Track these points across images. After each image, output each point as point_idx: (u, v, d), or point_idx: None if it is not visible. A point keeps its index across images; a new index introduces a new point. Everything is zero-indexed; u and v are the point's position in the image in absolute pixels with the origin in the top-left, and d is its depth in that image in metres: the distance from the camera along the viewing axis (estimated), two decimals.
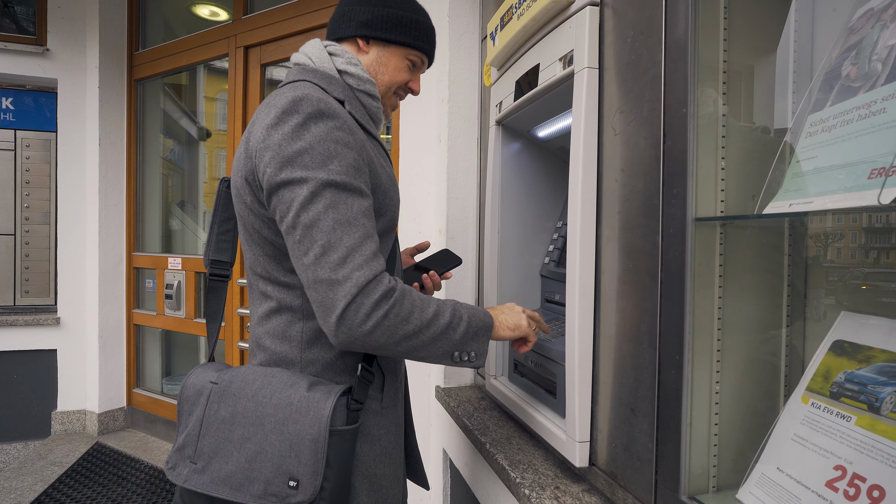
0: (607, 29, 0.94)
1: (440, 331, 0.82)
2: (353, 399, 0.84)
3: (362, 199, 0.80)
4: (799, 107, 0.75)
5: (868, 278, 0.74)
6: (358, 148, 0.82)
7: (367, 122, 0.94)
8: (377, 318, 0.75)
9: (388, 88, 1.00)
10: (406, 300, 0.79)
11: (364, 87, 0.95)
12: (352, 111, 0.90)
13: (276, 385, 0.83)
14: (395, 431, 0.95)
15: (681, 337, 0.74)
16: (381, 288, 0.76)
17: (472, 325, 0.87)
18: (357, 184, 0.80)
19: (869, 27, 0.64)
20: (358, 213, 0.78)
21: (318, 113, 0.80)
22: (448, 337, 0.83)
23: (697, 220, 0.75)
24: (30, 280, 3.27)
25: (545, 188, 1.47)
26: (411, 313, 0.79)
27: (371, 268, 0.76)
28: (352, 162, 0.80)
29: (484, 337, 0.90)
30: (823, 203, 0.62)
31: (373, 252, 0.78)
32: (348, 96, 0.92)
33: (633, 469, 0.85)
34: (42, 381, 3.24)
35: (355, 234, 0.77)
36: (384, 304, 0.76)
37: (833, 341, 0.69)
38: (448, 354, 0.85)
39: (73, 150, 3.23)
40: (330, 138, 0.79)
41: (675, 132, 0.76)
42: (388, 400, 0.94)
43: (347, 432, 0.81)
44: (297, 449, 0.79)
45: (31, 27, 3.22)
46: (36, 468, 2.82)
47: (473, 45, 1.75)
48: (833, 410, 0.64)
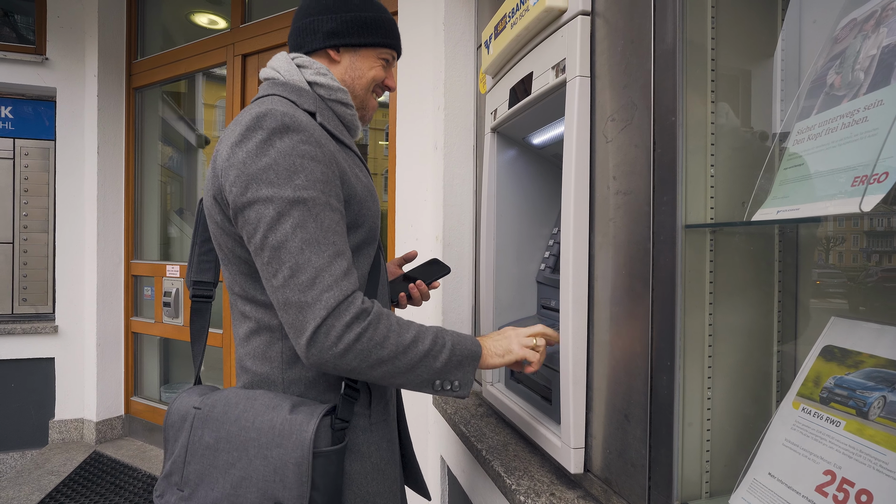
0: (599, 38, 0.96)
1: (419, 358, 0.80)
2: (338, 418, 0.83)
3: (332, 213, 0.79)
4: (786, 114, 0.76)
5: (858, 283, 0.75)
6: (327, 160, 0.81)
7: (340, 132, 0.93)
8: (348, 341, 0.74)
9: (366, 91, 1.01)
10: (382, 323, 0.77)
11: (336, 97, 0.94)
12: (323, 122, 0.88)
13: (259, 408, 0.82)
14: (387, 447, 0.94)
15: (672, 343, 0.75)
16: (353, 309, 0.75)
17: (456, 354, 0.85)
18: (325, 198, 0.78)
19: (852, 37, 0.65)
20: (327, 229, 0.77)
21: (282, 127, 0.78)
22: (427, 365, 0.81)
23: (687, 227, 0.76)
24: (28, 288, 3.28)
25: (541, 195, 1.48)
26: (387, 337, 0.77)
27: (341, 288, 0.75)
28: (319, 175, 0.78)
29: (469, 366, 0.87)
30: (809, 210, 0.63)
31: (343, 271, 0.76)
32: (320, 107, 0.91)
33: (626, 475, 0.85)
34: (40, 390, 3.24)
35: (324, 254, 0.75)
36: (356, 326, 0.75)
37: (823, 347, 0.70)
38: (428, 383, 0.83)
39: (72, 158, 3.25)
40: (295, 153, 0.78)
41: (664, 140, 0.77)
42: (378, 415, 0.92)
43: (333, 453, 0.80)
44: (282, 473, 0.77)
45: (30, 36, 3.25)
46: (33, 477, 2.81)
47: (469, 54, 1.77)
48: (823, 416, 0.65)
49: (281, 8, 2.68)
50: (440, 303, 1.73)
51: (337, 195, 0.81)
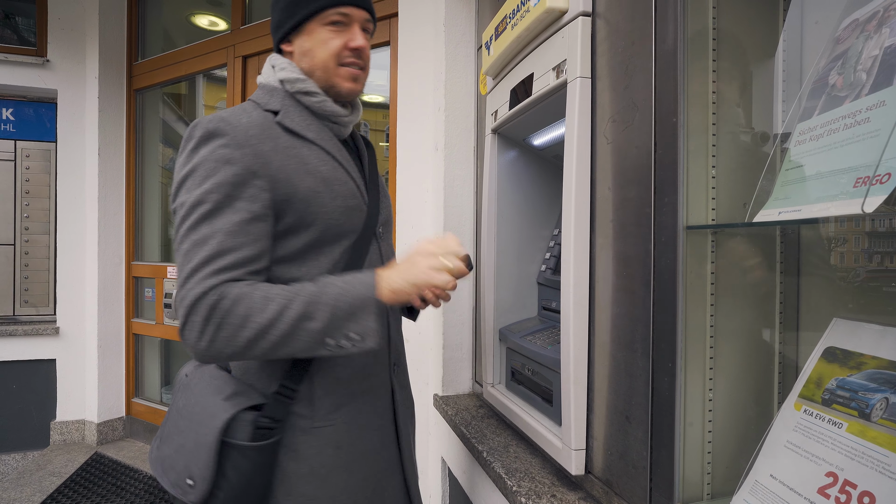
0: (599, 39, 0.96)
1: (290, 326, 0.79)
2: (265, 416, 0.84)
3: (233, 214, 0.80)
4: (788, 115, 0.76)
5: (860, 284, 0.74)
6: (247, 163, 0.82)
7: (305, 126, 0.92)
8: (210, 333, 0.76)
9: (326, 65, 0.94)
10: (239, 307, 0.77)
11: (297, 88, 0.94)
12: (282, 120, 0.90)
13: (209, 388, 0.88)
14: (333, 454, 0.91)
15: (673, 344, 0.75)
16: (208, 302, 0.76)
17: (341, 308, 0.81)
18: (229, 201, 0.80)
19: (854, 37, 0.65)
20: (219, 230, 0.79)
21: (206, 135, 0.83)
22: (306, 328, 0.79)
23: (689, 229, 0.75)
24: (29, 290, 3.28)
25: (541, 196, 1.48)
26: (247, 317, 0.77)
27: (203, 284, 0.76)
28: (230, 178, 0.81)
29: (362, 314, 0.82)
30: (811, 211, 0.62)
31: (216, 268, 0.77)
32: (286, 104, 0.93)
33: (628, 477, 0.85)
34: (41, 391, 3.24)
35: (203, 254, 0.78)
36: (214, 317, 0.76)
37: (825, 348, 0.70)
38: (318, 345, 0.81)
39: (73, 159, 3.25)
40: (212, 157, 0.81)
41: (665, 141, 0.77)
42: (323, 419, 0.90)
43: (248, 448, 0.82)
44: (199, 452, 0.82)
45: (31, 38, 3.25)
46: (34, 479, 2.81)
47: (469, 55, 1.77)
48: (825, 417, 0.65)
49: None
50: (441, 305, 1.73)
51: (252, 196, 0.82)
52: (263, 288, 0.80)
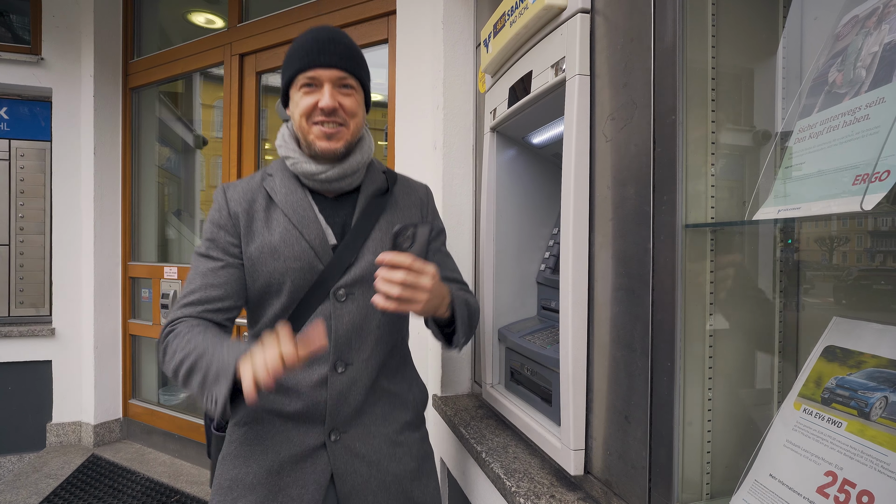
0: (598, 36, 0.96)
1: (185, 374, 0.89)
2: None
3: (207, 261, 1.03)
4: (788, 112, 0.76)
5: (859, 283, 0.75)
6: (222, 222, 1.04)
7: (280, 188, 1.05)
8: (162, 351, 0.96)
9: (301, 125, 1.02)
10: (171, 344, 0.94)
11: (282, 153, 1.07)
12: (265, 184, 1.07)
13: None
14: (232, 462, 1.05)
15: (672, 343, 0.75)
16: (167, 329, 0.97)
17: (211, 372, 0.84)
18: (204, 250, 1.04)
19: (854, 34, 0.65)
20: (198, 272, 1.02)
21: (213, 197, 1.08)
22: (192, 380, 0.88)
23: (688, 227, 0.76)
24: (24, 290, 3.28)
25: (541, 195, 1.48)
26: (174, 355, 0.92)
27: (174, 313, 0.99)
28: (210, 234, 1.05)
29: (222, 381, 0.82)
30: (810, 209, 0.63)
31: (185, 303, 0.99)
32: (280, 167, 1.09)
33: (627, 477, 0.85)
34: (37, 393, 3.24)
35: (185, 289, 1.02)
36: (161, 344, 0.97)
37: (825, 347, 0.70)
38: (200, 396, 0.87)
39: (68, 159, 3.24)
40: (207, 219, 1.07)
41: (664, 139, 0.77)
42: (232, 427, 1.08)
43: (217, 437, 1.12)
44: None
45: (26, 36, 3.25)
46: (31, 481, 2.81)
47: (468, 52, 1.77)
48: (824, 416, 0.65)
49: (278, 7, 2.68)
50: None
51: (222, 249, 1.03)
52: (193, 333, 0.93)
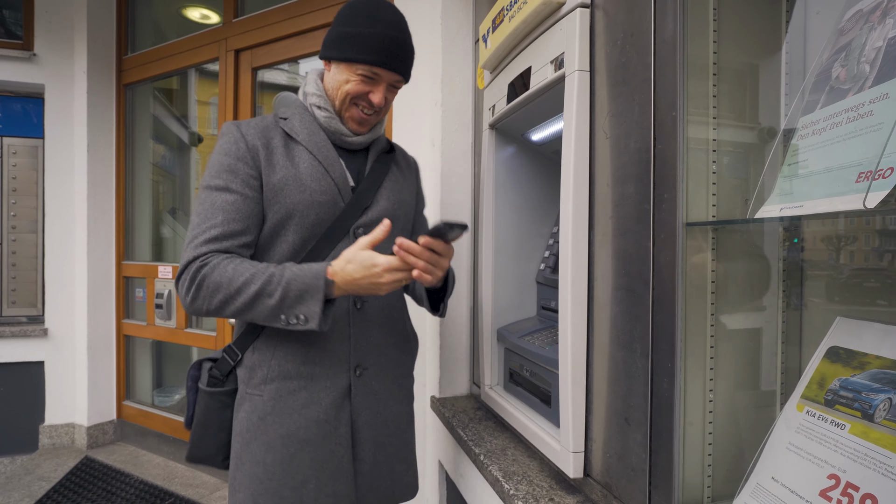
0: (598, 31, 0.95)
1: (250, 298, 0.95)
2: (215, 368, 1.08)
3: (227, 194, 1.01)
4: (791, 109, 0.76)
5: (864, 283, 0.74)
6: (240, 154, 1.03)
7: (300, 131, 1.09)
8: (193, 293, 0.97)
9: (342, 101, 1.09)
10: (214, 274, 0.95)
11: (312, 101, 1.11)
12: (284, 125, 1.09)
13: None
14: (258, 423, 1.03)
15: (673, 344, 0.75)
16: (195, 266, 0.96)
17: (293, 289, 0.94)
18: (224, 183, 1.01)
19: (858, 29, 0.64)
20: (216, 206, 0.99)
21: (220, 134, 1.06)
22: (263, 303, 0.95)
23: (689, 225, 0.75)
24: (16, 290, 3.27)
25: (540, 193, 1.48)
26: (220, 285, 0.95)
27: (197, 250, 0.97)
28: (226, 166, 1.02)
29: (311, 299, 0.94)
30: (814, 207, 0.62)
31: (209, 237, 0.98)
32: (298, 111, 1.12)
33: (627, 480, 0.85)
34: (29, 394, 3.23)
35: (203, 224, 0.99)
36: (196, 280, 0.96)
37: (828, 348, 0.70)
38: (274, 317, 0.96)
39: (61, 156, 3.24)
40: (218, 151, 1.04)
41: (665, 136, 0.77)
42: (254, 389, 1.05)
43: (205, 392, 1.08)
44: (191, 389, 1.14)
45: (18, 31, 3.24)
46: (23, 483, 2.81)
47: (467, 48, 1.76)
48: (827, 418, 0.65)
49: (274, 2, 2.67)
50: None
51: (243, 180, 1.02)
52: (236, 262, 0.97)
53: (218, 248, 0.98)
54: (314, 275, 0.95)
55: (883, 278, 0.71)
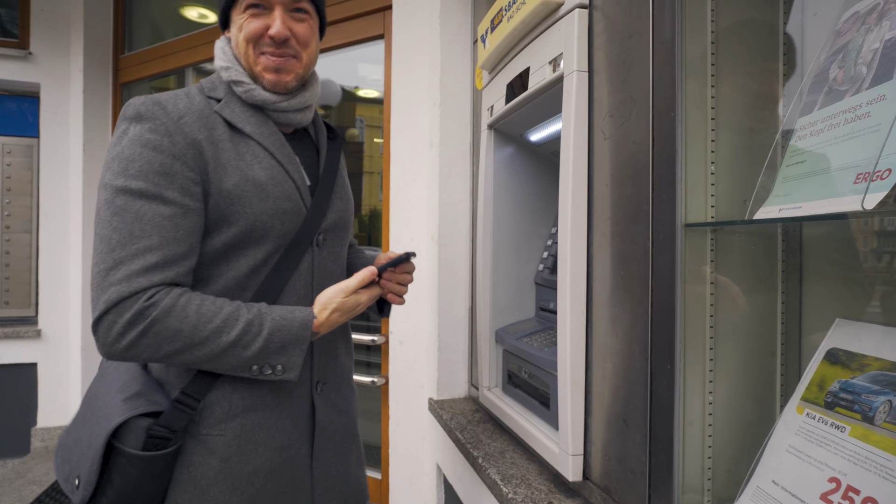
0: (596, 31, 0.96)
1: (221, 349, 0.81)
2: (159, 424, 0.83)
3: (160, 206, 0.79)
4: (789, 110, 0.76)
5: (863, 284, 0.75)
6: (175, 151, 0.81)
7: (243, 119, 0.91)
8: (131, 338, 0.77)
9: (245, 54, 0.93)
10: (169, 319, 0.78)
11: (229, 76, 0.93)
12: (220, 111, 0.90)
13: (117, 383, 0.87)
14: (218, 467, 0.87)
15: (672, 345, 0.75)
16: (136, 306, 0.76)
17: (275, 341, 0.84)
18: (156, 190, 0.79)
19: (855, 30, 0.65)
20: (146, 222, 0.78)
21: (136, 116, 0.82)
22: (236, 353, 0.82)
23: (687, 226, 0.75)
24: (10, 290, 3.26)
25: (539, 193, 1.48)
26: (178, 333, 0.78)
27: (130, 284, 0.76)
28: (157, 167, 0.80)
29: (294, 350, 0.86)
30: (812, 208, 0.63)
31: (145, 266, 0.77)
32: (227, 93, 0.93)
33: (626, 483, 0.85)
34: (21, 397, 3.22)
35: (131, 246, 0.77)
36: (139, 323, 0.76)
37: (828, 349, 0.70)
38: (244, 368, 0.84)
39: (57, 156, 3.24)
40: (139, 141, 0.80)
41: (663, 136, 0.77)
42: (212, 429, 0.87)
43: (136, 457, 0.80)
44: (88, 452, 0.82)
45: (14, 30, 3.24)
46: (14, 487, 2.80)
47: (465, 48, 1.77)
48: (828, 421, 0.65)
49: None
50: (435, 305, 1.73)
51: (181, 187, 0.81)
52: (195, 301, 0.81)
53: (161, 281, 0.79)
54: (300, 325, 0.87)
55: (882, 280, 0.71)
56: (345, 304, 0.92)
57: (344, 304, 0.92)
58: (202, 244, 0.86)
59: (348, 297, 0.92)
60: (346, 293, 0.92)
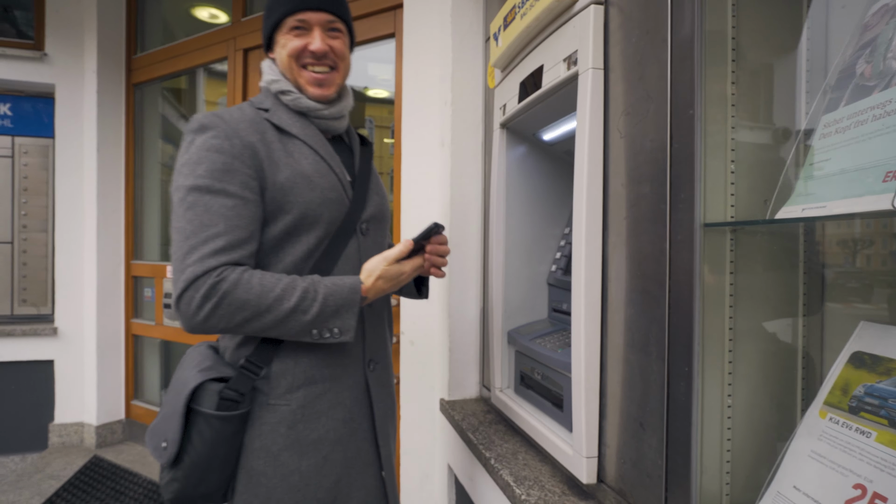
0: (612, 28, 0.94)
1: (284, 314, 0.93)
2: (229, 388, 0.95)
3: (225, 198, 0.92)
4: (812, 106, 0.74)
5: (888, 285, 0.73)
6: (235, 152, 0.95)
7: (290, 123, 1.05)
8: (207, 310, 0.89)
9: (290, 68, 1.07)
10: (237, 291, 0.90)
11: (278, 87, 1.07)
12: (270, 118, 1.04)
13: (191, 362, 1.01)
14: (286, 433, 0.98)
15: (690, 347, 0.74)
16: (209, 282, 0.88)
17: (330, 304, 0.96)
18: (221, 185, 0.92)
19: (884, 24, 0.63)
20: (214, 212, 0.91)
21: (199, 127, 0.96)
22: (297, 319, 0.94)
23: (706, 226, 0.74)
24: (27, 289, 3.32)
25: (552, 193, 1.47)
26: (246, 303, 0.90)
27: (203, 264, 0.89)
28: (220, 166, 0.93)
29: (347, 313, 0.98)
30: (837, 207, 0.61)
31: (214, 249, 0.90)
32: (274, 103, 1.07)
33: (642, 486, 0.84)
34: (39, 393, 3.28)
35: (202, 234, 0.90)
36: (213, 296, 0.88)
37: (852, 353, 0.68)
38: (305, 333, 0.96)
39: (71, 156, 3.28)
40: (203, 147, 0.94)
41: (682, 134, 0.76)
42: (279, 397, 0.99)
43: (212, 416, 0.93)
44: (172, 417, 0.95)
45: (29, 32, 3.29)
46: (33, 482, 2.85)
47: (477, 46, 1.76)
48: (852, 426, 0.63)
49: None
50: (446, 305, 1.73)
51: (241, 182, 0.94)
52: (258, 276, 0.93)
53: (228, 261, 0.91)
54: (350, 289, 0.98)
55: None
56: (388, 271, 1.03)
57: (388, 272, 1.03)
58: (262, 234, 0.99)
59: (391, 266, 1.04)
60: (388, 261, 1.03)
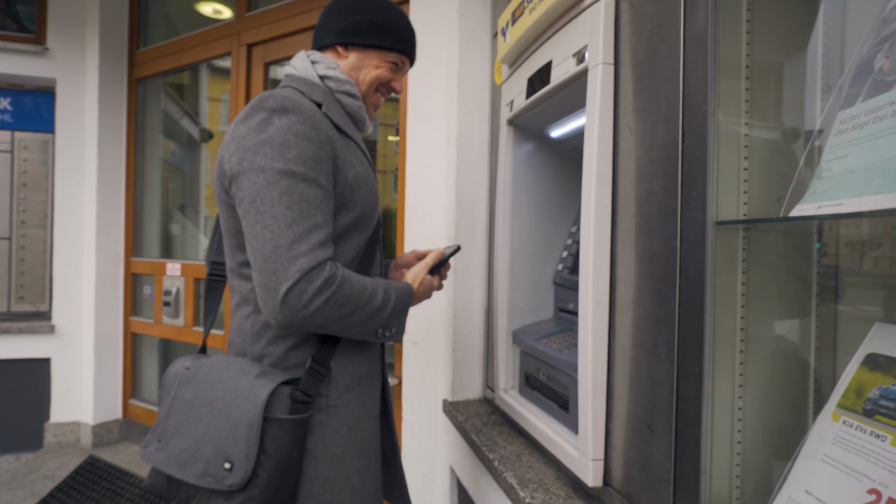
0: (623, 23, 0.94)
1: (372, 312, 0.93)
2: (299, 390, 0.91)
3: (317, 189, 0.88)
4: (828, 103, 0.74)
5: None
6: (321, 142, 0.90)
7: (344, 123, 1.03)
8: (319, 303, 0.85)
9: (369, 87, 1.11)
10: (346, 286, 0.88)
11: (344, 88, 1.06)
12: (328, 113, 0.99)
13: (232, 372, 0.92)
14: (347, 435, 0.98)
15: (700, 348, 0.73)
16: (324, 275, 0.85)
17: (398, 305, 0.98)
18: (313, 174, 0.88)
19: None
20: (310, 203, 0.87)
21: (281, 108, 0.89)
22: (377, 317, 0.94)
23: (718, 224, 0.74)
24: (25, 286, 3.32)
25: (559, 191, 1.47)
26: (350, 297, 0.89)
27: (315, 256, 0.85)
28: (311, 154, 0.88)
29: (404, 314, 1.01)
30: (854, 205, 0.61)
31: (320, 241, 0.86)
32: (327, 99, 1.02)
33: (649, 490, 0.84)
34: (35, 392, 3.28)
35: (304, 224, 0.85)
36: (326, 290, 0.85)
37: (866, 354, 0.68)
38: (373, 332, 0.96)
39: (72, 151, 3.29)
40: (290, 131, 0.88)
41: (694, 131, 0.76)
42: (338, 398, 0.97)
43: (287, 421, 0.87)
44: (235, 432, 0.86)
45: (31, 26, 3.30)
46: (27, 482, 2.85)
47: (484, 42, 1.76)
48: (866, 429, 0.63)
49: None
50: (451, 305, 1.72)
51: (326, 175, 0.91)
52: (352, 274, 0.92)
53: (330, 255, 0.88)
54: (408, 291, 1.01)
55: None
56: (426, 279, 1.09)
57: (426, 280, 1.09)
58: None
59: (426, 276, 1.09)
60: (427, 269, 1.09)
